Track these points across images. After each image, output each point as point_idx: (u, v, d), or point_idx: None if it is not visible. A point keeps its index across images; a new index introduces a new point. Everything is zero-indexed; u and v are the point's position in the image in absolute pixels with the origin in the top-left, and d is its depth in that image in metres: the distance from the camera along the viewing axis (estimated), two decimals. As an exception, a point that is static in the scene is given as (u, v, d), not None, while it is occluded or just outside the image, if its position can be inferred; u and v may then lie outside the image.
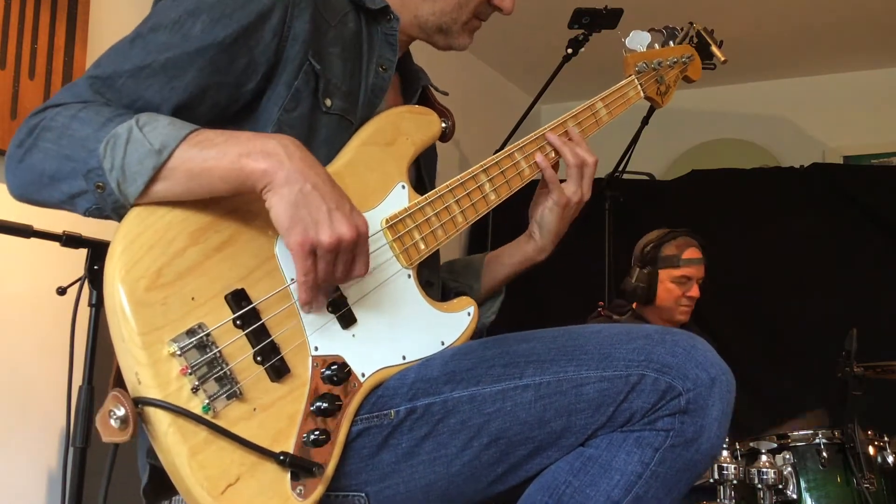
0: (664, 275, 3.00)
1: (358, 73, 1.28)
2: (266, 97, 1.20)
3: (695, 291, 3.00)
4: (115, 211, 1.07)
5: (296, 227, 1.05)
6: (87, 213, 1.08)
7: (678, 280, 2.99)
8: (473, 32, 1.41)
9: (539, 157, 1.41)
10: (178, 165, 1.04)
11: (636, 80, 1.57)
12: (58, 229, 1.43)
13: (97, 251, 1.34)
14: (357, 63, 1.29)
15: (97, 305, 1.36)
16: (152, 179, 1.04)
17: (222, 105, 1.17)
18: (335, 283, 1.12)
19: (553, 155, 1.43)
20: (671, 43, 1.67)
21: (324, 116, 1.23)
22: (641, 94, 1.58)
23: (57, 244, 1.42)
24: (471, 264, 1.53)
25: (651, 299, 3.02)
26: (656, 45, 1.63)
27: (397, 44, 1.33)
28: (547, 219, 1.44)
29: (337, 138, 1.25)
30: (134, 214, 1.05)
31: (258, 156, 1.04)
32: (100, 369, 1.40)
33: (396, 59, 1.32)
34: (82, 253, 1.36)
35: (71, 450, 1.38)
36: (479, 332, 1.35)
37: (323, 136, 1.23)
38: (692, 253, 3.01)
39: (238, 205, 1.11)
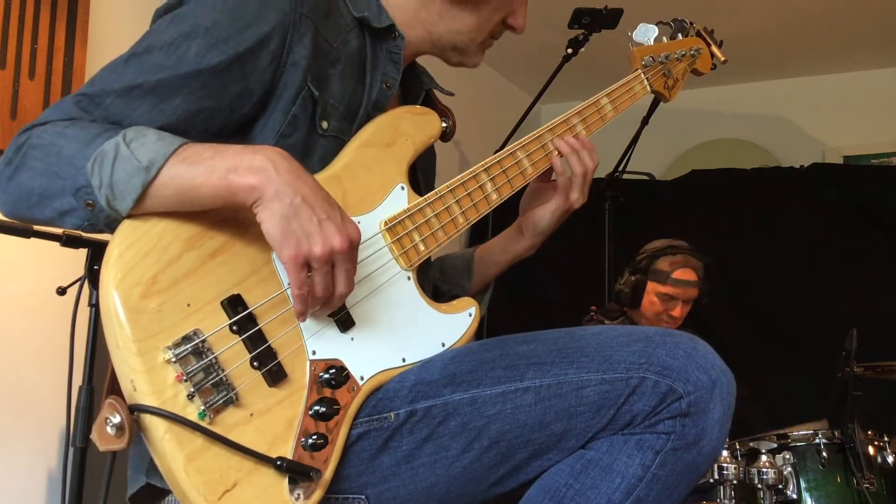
0: (651, 287, 2.98)
1: (360, 89, 1.27)
2: (261, 123, 1.19)
3: (677, 311, 2.95)
4: (109, 225, 1.06)
5: (288, 240, 1.04)
6: (79, 229, 1.08)
7: (662, 296, 2.96)
8: (485, 50, 1.41)
9: (556, 161, 1.41)
10: (166, 183, 1.03)
11: (642, 75, 1.56)
12: (58, 229, 1.43)
13: (97, 251, 1.33)
14: (359, 80, 1.27)
15: (97, 305, 1.35)
16: (141, 196, 1.03)
17: (214, 129, 1.15)
18: (339, 297, 1.10)
19: (557, 153, 1.42)
20: (679, 36, 1.64)
21: (320, 139, 1.22)
22: (648, 88, 1.56)
23: (57, 244, 1.42)
24: (460, 263, 1.53)
25: (635, 305, 3.02)
26: (664, 39, 1.60)
27: (401, 62, 1.32)
28: (546, 222, 1.45)
29: (332, 157, 1.24)
30: (128, 222, 1.05)
31: (246, 172, 1.03)
32: (100, 369, 1.40)
33: (399, 77, 1.32)
34: (82, 253, 1.35)
35: (71, 450, 1.38)
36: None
37: (318, 156, 1.22)
38: (684, 274, 2.95)
39: (234, 211, 1.10)
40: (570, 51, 3.25)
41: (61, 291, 1.43)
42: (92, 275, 1.30)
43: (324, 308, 1.12)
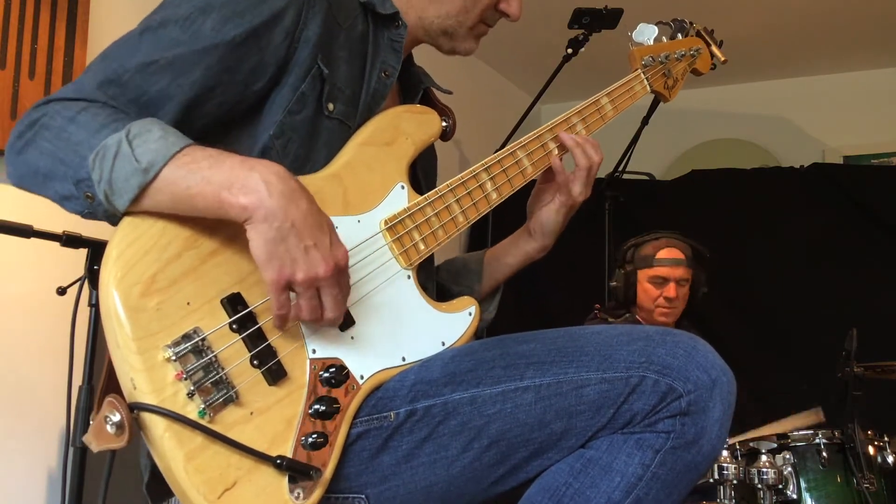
0: (642, 275, 2.98)
1: (360, 77, 1.28)
2: (271, 99, 1.20)
3: (670, 291, 2.93)
4: (108, 218, 1.07)
5: (271, 263, 1.04)
6: (78, 214, 1.09)
7: (653, 280, 2.95)
8: (479, 38, 1.41)
9: (555, 161, 1.42)
10: (162, 188, 1.03)
11: (642, 75, 1.56)
12: (58, 229, 1.43)
13: (97, 251, 1.34)
14: (360, 67, 1.28)
15: (97, 305, 1.36)
16: (138, 196, 1.03)
17: (229, 104, 1.16)
18: (329, 322, 1.10)
19: (556, 152, 1.43)
20: (679, 36, 1.64)
21: (325, 120, 1.23)
22: (648, 87, 1.57)
23: (57, 244, 1.42)
24: (469, 265, 1.53)
25: (631, 300, 3.01)
26: (664, 39, 1.61)
27: (402, 51, 1.33)
28: (553, 220, 1.46)
29: (336, 142, 1.25)
30: (128, 220, 1.05)
31: (238, 191, 1.02)
32: (99, 369, 1.40)
33: (399, 66, 1.32)
34: (82, 253, 1.36)
35: (71, 450, 1.38)
36: (481, 329, 1.35)
37: (323, 139, 1.23)
38: (668, 253, 2.96)
39: None
40: (570, 51, 3.25)
41: (61, 291, 1.43)
42: (92, 275, 1.30)
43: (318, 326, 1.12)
